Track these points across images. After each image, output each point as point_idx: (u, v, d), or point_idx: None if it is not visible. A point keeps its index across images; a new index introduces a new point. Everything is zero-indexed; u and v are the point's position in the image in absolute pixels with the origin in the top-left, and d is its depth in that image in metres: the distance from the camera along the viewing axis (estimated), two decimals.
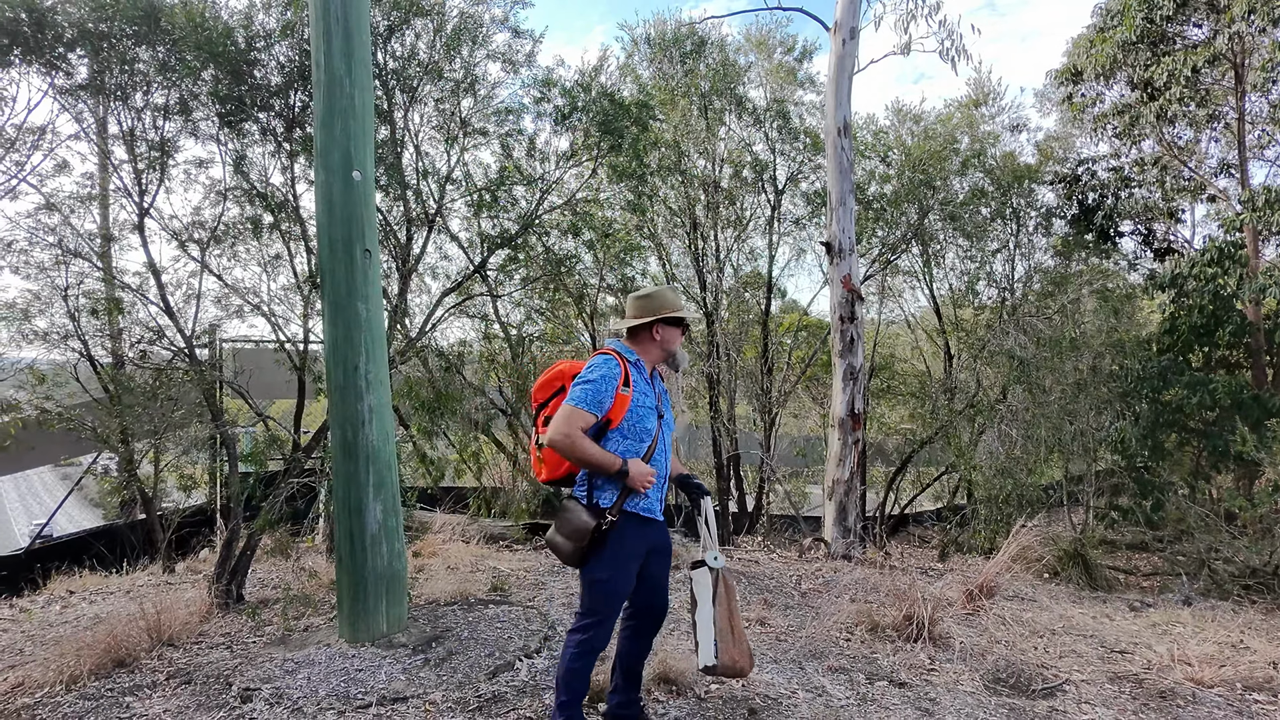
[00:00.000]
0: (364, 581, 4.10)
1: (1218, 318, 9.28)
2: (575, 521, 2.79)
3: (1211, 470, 9.34)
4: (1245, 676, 4.19)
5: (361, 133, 4.20)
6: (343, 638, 4.14)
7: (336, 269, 4.12)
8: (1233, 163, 11.37)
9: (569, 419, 2.70)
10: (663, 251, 10.59)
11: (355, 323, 4.11)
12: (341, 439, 4.13)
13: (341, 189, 4.12)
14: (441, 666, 3.85)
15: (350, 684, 3.63)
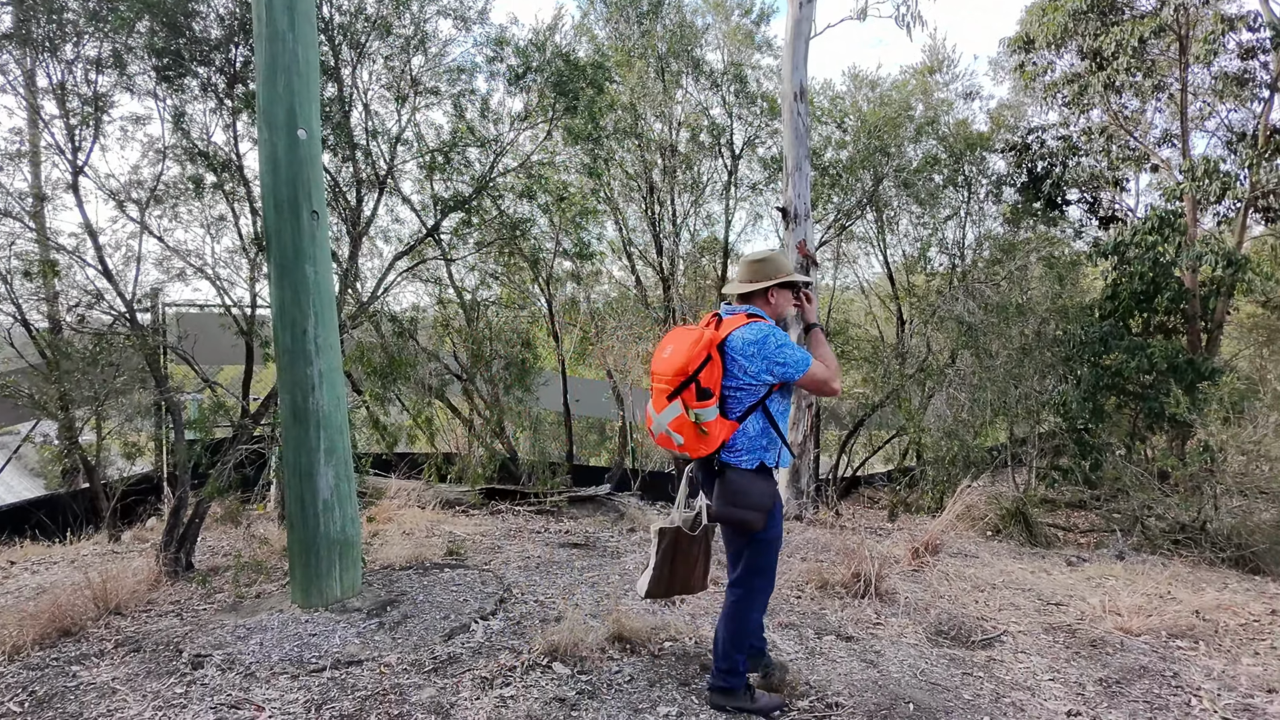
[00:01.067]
0: (316, 547, 4.08)
1: (1157, 284, 9.57)
2: (761, 488, 2.86)
3: (1147, 431, 9.71)
4: (1170, 625, 4.42)
5: (306, 89, 4.07)
6: (296, 603, 4.12)
7: (283, 231, 4.02)
8: (1175, 133, 11.65)
9: (818, 373, 2.85)
10: (619, 216, 10.53)
11: (303, 286, 4.03)
12: (291, 404, 4.07)
13: (286, 148, 4.00)
14: (396, 630, 3.86)
15: (304, 648, 3.63)
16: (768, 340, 2.81)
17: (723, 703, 3.05)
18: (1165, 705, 3.34)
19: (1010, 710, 3.24)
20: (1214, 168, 9.46)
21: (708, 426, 2.81)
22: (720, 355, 2.84)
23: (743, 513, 2.84)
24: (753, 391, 2.85)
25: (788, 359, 2.81)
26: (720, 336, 2.85)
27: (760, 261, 3.05)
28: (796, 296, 3.15)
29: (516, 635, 3.86)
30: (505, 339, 7.89)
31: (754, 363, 2.81)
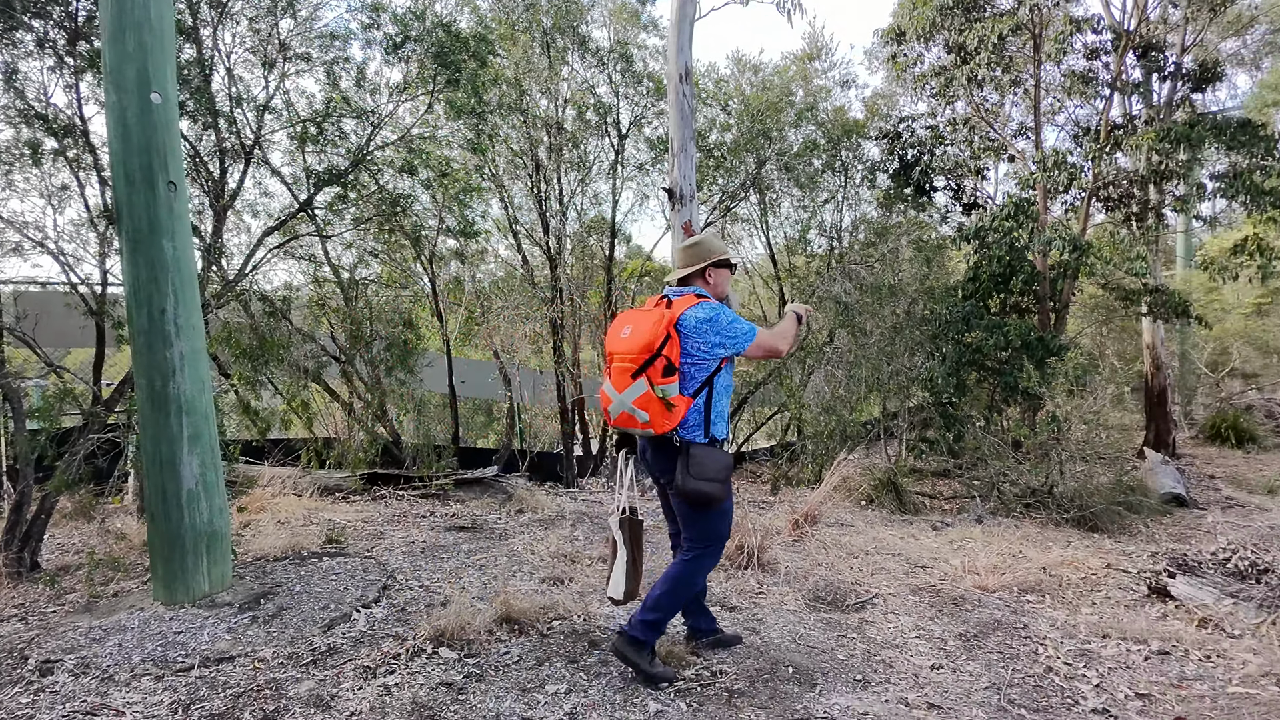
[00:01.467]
0: (180, 540, 3.84)
1: (1013, 267, 10.26)
2: (719, 460, 3.00)
3: (1003, 404, 10.43)
4: (1021, 581, 4.80)
5: (160, 49, 3.77)
6: (158, 600, 3.88)
7: (136, 203, 3.72)
8: (1030, 126, 12.47)
9: (764, 339, 3.11)
10: (505, 193, 10.32)
11: (160, 262, 3.75)
12: (149, 389, 3.79)
13: (138, 113, 3.70)
14: (271, 623, 3.70)
15: (169, 647, 3.42)
16: (719, 316, 3.04)
17: (626, 651, 3.11)
18: (1016, 655, 3.64)
19: (880, 667, 3.44)
20: (1062, 159, 10.21)
21: (674, 401, 2.98)
22: (677, 334, 3.02)
23: (708, 485, 2.96)
24: (705, 367, 3.03)
25: (739, 332, 3.05)
26: (675, 316, 3.02)
27: (694, 246, 3.27)
28: (731, 273, 3.34)
29: (401, 622, 3.78)
30: (386, 319, 7.60)
31: (709, 337, 3.02)
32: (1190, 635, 3.86)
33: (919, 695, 3.14)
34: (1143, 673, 3.43)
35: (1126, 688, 3.26)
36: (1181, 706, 3.08)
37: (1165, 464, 10.26)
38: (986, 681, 3.32)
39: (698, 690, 3.09)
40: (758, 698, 3.05)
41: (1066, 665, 3.51)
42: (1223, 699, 3.14)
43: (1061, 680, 3.35)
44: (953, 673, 3.42)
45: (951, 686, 3.26)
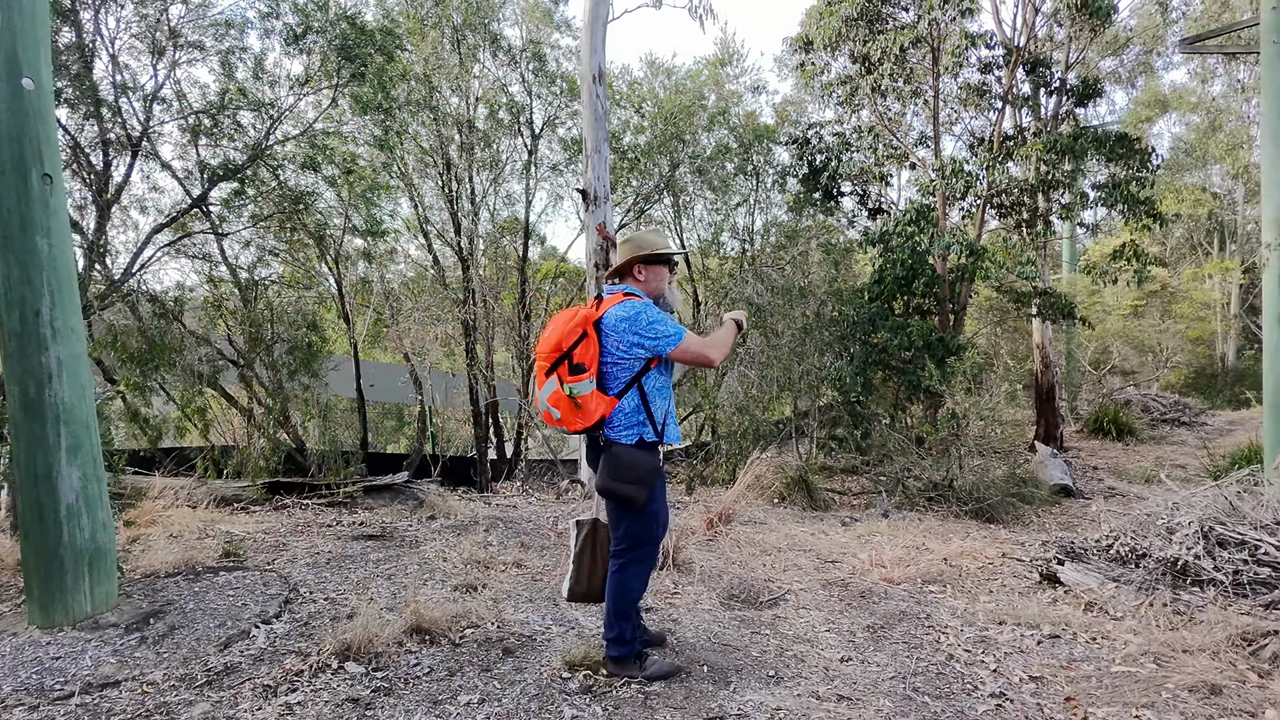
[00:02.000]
0: (59, 559, 3.58)
1: (915, 270, 10.67)
2: (644, 463, 2.95)
3: (907, 402, 10.84)
4: (924, 573, 4.98)
5: (32, 31, 3.51)
6: (34, 624, 3.60)
7: (6, 196, 3.45)
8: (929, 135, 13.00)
9: (693, 345, 2.98)
10: (415, 192, 10.07)
11: (34, 261, 3.49)
12: (21, 397, 3.52)
13: (8, 99, 3.43)
14: (162, 643, 3.49)
15: (45, 674, 3.18)
16: (639, 316, 2.96)
17: (615, 671, 3.16)
18: (920, 644, 3.77)
19: (792, 662, 3.50)
20: (959, 168, 10.70)
21: (582, 400, 2.95)
22: (597, 332, 2.99)
23: (624, 487, 2.94)
24: (627, 367, 2.98)
25: (659, 333, 2.96)
26: (597, 314, 3.01)
27: (625, 242, 3.22)
28: (672, 270, 3.25)
29: (304, 637, 3.62)
30: (289, 321, 7.29)
31: (626, 337, 2.96)
32: (1078, 619, 4.09)
33: (829, 688, 3.22)
34: (1036, 656, 3.61)
35: (1021, 671, 3.43)
36: (1071, 687, 3.26)
37: (1054, 457, 10.88)
38: (893, 671, 3.43)
39: (613, 693, 3.08)
40: (673, 698, 3.05)
41: (966, 652, 3.66)
42: (1107, 678, 3.34)
43: (962, 667, 3.49)
44: (861, 664, 3.51)
45: (860, 678, 3.36)
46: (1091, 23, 10.89)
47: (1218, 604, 4.05)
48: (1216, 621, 3.78)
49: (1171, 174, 22.85)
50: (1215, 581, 4.25)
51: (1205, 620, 3.86)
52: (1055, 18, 11.71)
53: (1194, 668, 3.34)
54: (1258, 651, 3.43)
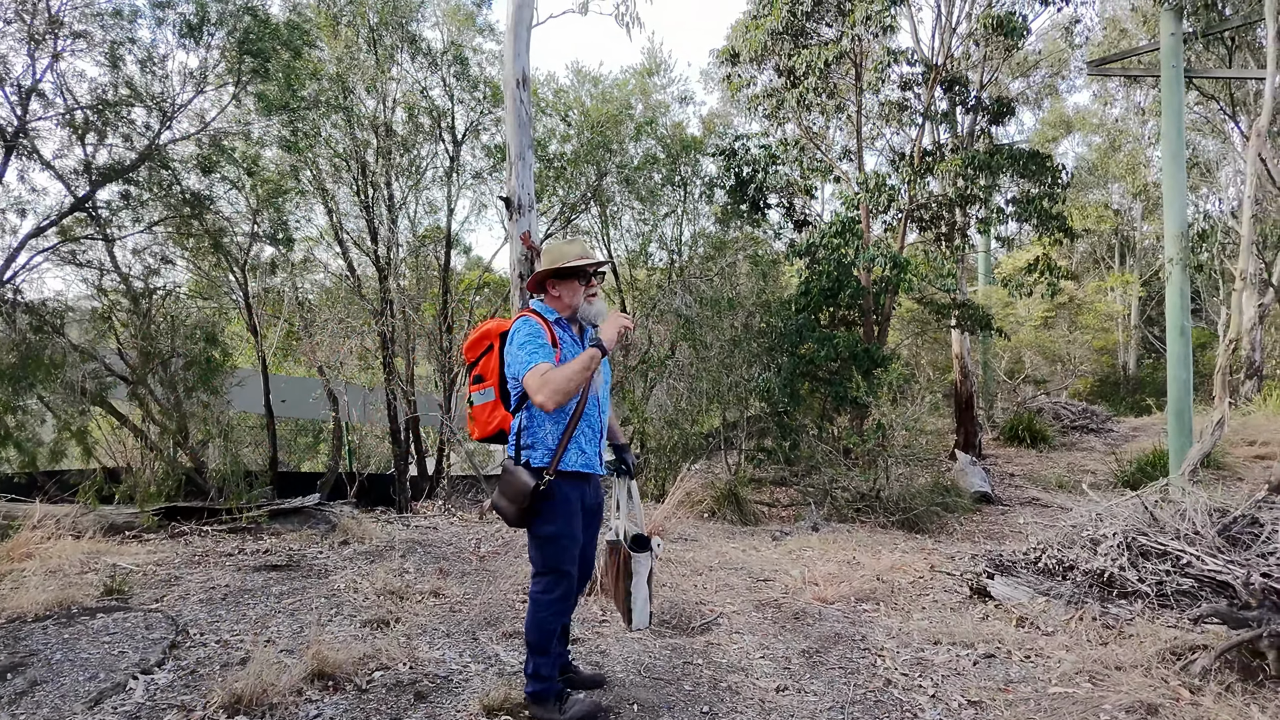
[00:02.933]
0: None
1: (840, 282, 10.77)
2: (516, 483, 2.80)
3: (834, 413, 10.90)
4: (857, 590, 4.89)
5: None
6: None
7: None
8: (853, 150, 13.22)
9: (529, 382, 2.69)
10: (329, 198, 9.59)
11: None
12: None
13: None
14: (20, 702, 3.07)
15: None
16: (514, 336, 2.84)
17: (533, 711, 2.94)
18: (856, 669, 3.64)
19: (727, 695, 3.32)
20: (882, 182, 10.86)
21: (476, 411, 3.03)
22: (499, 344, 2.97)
23: (499, 501, 2.89)
24: (515, 385, 2.88)
25: (514, 359, 2.81)
26: (507, 326, 2.95)
27: (545, 253, 3.04)
28: (586, 286, 2.98)
29: (190, 688, 3.24)
30: (186, 334, 6.75)
31: (505, 355, 2.90)
32: (1011, 635, 4.04)
33: None
34: (973, 679, 3.52)
35: (960, 695, 3.33)
36: (1010, 712, 3.17)
37: (973, 464, 11.10)
38: (830, 700, 3.28)
39: None
40: None
41: (904, 676, 3.55)
42: (1045, 700, 3.26)
43: (900, 693, 3.37)
44: (798, 694, 3.36)
45: (797, 709, 3.20)
46: (1005, 42, 11.23)
47: (1145, 616, 4.07)
48: (1146, 635, 3.78)
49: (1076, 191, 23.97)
50: (1141, 594, 4.27)
51: (1135, 634, 3.85)
52: (971, 37, 12.06)
53: (1128, 686, 3.30)
54: (1188, 666, 3.42)
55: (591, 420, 2.96)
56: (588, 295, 2.99)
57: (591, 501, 3.06)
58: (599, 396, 2.99)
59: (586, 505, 3.02)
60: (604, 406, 3.05)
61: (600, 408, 3.01)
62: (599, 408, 3.00)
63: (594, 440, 2.98)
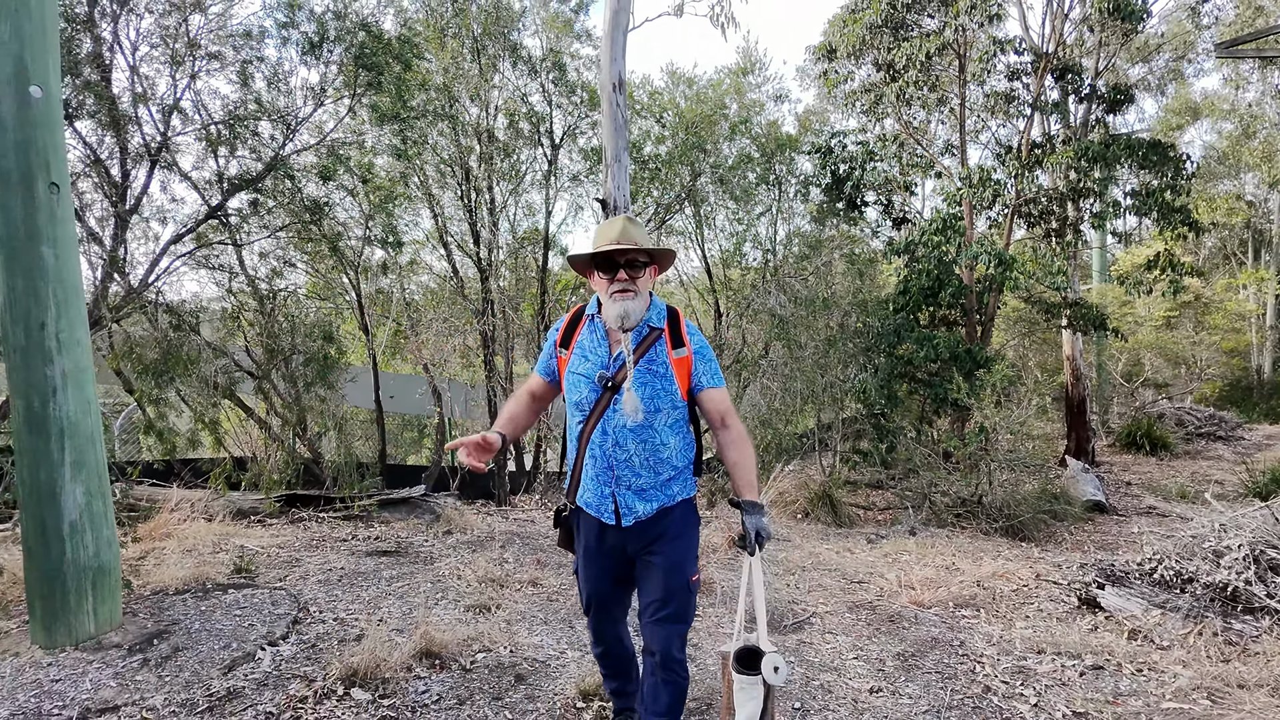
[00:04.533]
0: (61, 577, 3.48)
1: (941, 281, 10.46)
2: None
3: (934, 415, 10.61)
4: (956, 595, 4.77)
5: (41, 37, 3.45)
6: (36, 644, 3.51)
7: (11, 206, 3.38)
8: (955, 144, 12.81)
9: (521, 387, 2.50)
10: (434, 203, 10.01)
11: (40, 272, 3.41)
12: (26, 411, 3.44)
13: (15, 107, 3.37)
14: (165, 666, 3.38)
15: (44, 698, 3.08)
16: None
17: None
18: (954, 674, 3.57)
19: (819, 693, 3.32)
20: (987, 176, 10.47)
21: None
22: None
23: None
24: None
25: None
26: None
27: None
28: (611, 279, 2.32)
29: (311, 660, 3.50)
30: (306, 332, 7.22)
31: None
32: (1121, 648, 3.87)
33: None
34: (1078, 690, 3.40)
35: (1064, 706, 3.22)
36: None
37: (1085, 471, 10.57)
38: (926, 704, 3.24)
39: None
40: None
41: (1004, 684, 3.46)
42: (1157, 715, 3.12)
43: (1000, 700, 3.29)
44: (892, 695, 3.33)
45: (891, 711, 3.17)
46: (1123, 27, 10.65)
47: (1273, 634, 3.82)
48: (1274, 654, 3.55)
49: (1204, 182, 22.38)
50: (1270, 610, 4.01)
51: (1261, 652, 3.63)
52: (1085, 23, 11.48)
53: (1252, 705, 3.11)
54: None
55: (599, 457, 2.37)
56: (613, 292, 2.31)
57: (614, 546, 2.44)
58: (614, 427, 2.32)
59: (607, 549, 2.45)
60: (624, 442, 2.33)
61: (618, 443, 2.33)
62: (615, 443, 2.33)
63: (605, 479, 2.37)
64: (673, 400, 2.34)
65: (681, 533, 2.42)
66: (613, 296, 2.30)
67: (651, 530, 2.37)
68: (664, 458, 2.35)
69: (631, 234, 2.32)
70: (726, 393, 2.45)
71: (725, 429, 2.40)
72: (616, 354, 2.34)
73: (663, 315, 2.41)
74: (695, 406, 2.46)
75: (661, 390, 2.32)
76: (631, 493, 2.35)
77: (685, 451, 2.44)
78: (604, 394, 2.32)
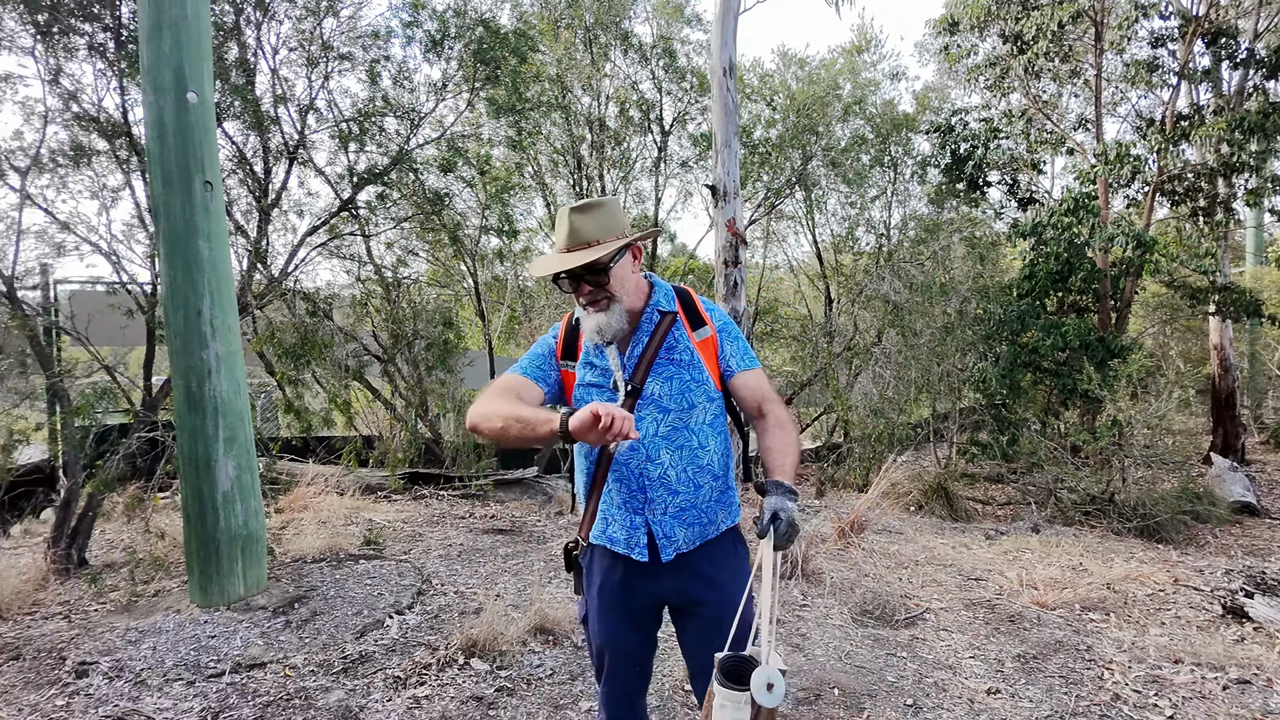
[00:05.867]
0: (215, 542, 3.82)
1: (1071, 265, 9.87)
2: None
3: (1061, 407, 10.05)
4: (1083, 598, 4.53)
5: (196, 48, 3.75)
6: (194, 603, 3.87)
7: (173, 203, 3.71)
8: (1090, 118, 12.01)
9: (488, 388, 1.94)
10: (547, 191, 10.26)
11: (196, 263, 3.73)
12: (185, 390, 3.78)
13: (174, 112, 3.68)
14: (304, 628, 3.65)
15: (201, 652, 3.39)
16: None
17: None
18: (1080, 679, 3.41)
19: (933, 690, 3.25)
20: (1125, 152, 9.77)
21: None
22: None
23: None
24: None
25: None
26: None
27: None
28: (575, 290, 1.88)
29: (434, 630, 3.70)
30: (427, 318, 7.58)
31: None
32: (1272, 662, 3.58)
33: None
34: (1221, 704, 3.17)
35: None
36: None
37: (1233, 470, 9.77)
38: (1048, 709, 3.11)
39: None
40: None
41: (1136, 693, 3.27)
42: None
43: (1131, 710, 3.11)
44: (1011, 698, 3.21)
45: (1010, 713, 3.06)
46: None
47: None
48: None
49: None
50: None
51: None
52: None
53: None
54: None
55: (627, 477, 1.89)
56: (583, 304, 1.90)
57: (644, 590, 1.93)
58: (646, 439, 1.87)
59: (634, 594, 1.94)
60: (656, 454, 1.86)
61: (649, 456, 1.86)
62: (647, 456, 1.87)
63: (635, 504, 1.89)
64: (707, 392, 1.92)
65: (735, 570, 1.95)
66: (585, 309, 1.90)
67: (695, 570, 1.91)
68: (703, 464, 1.90)
69: (585, 230, 1.84)
70: (764, 375, 2.01)
71: (763, 418, 1.96)
72: (629, 350, 1.91)
73: (671, 298, 1.99)
74: (729, 398, 2.03)
75: (692, 381, 1.90)
76: (669, 517, 1.88)
77: (725, 456, 1.98)
78: (625, 401, 1.87)
